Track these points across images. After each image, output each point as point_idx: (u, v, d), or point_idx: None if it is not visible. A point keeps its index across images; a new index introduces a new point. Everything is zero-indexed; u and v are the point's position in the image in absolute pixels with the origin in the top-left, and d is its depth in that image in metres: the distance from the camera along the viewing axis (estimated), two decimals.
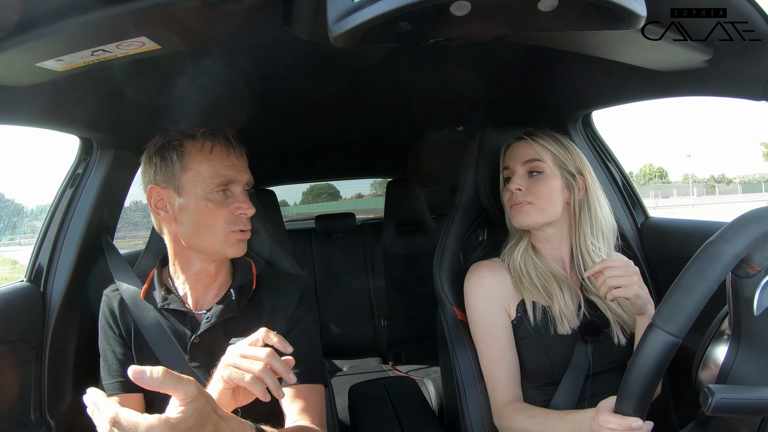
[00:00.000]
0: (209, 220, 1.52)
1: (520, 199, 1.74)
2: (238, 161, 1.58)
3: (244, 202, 1.56)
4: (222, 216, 1.52)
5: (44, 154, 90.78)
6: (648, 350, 1.04)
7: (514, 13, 0.96)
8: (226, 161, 1.54)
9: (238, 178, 1.56)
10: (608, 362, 1.69)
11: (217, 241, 1.53)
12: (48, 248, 2.03)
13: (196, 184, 1.51)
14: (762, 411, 0.94)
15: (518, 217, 1.76)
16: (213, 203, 1.51)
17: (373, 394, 2.40)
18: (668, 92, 1.85)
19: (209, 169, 1.52)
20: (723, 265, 1.00)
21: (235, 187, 1.56)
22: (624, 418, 1.13)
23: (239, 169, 1.57)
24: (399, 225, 4.19)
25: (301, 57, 1.81)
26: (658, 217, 2.49)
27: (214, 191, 1.52)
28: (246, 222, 1.56)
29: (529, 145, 1.78)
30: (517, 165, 1.78)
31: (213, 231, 1.52)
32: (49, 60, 1.17)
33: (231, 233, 1.53)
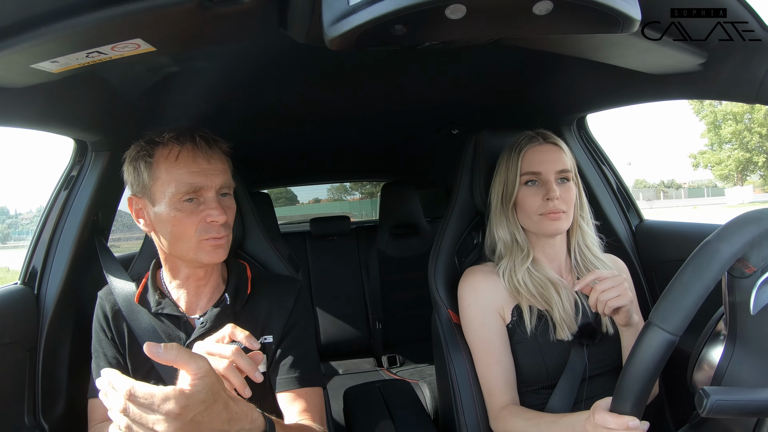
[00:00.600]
0: (180, 230, 1.47)
1: (559, 207, 1.71)
2: (209, 165, 1.50)
3: (215, 209, 1.48)
4: (192, 225, 1.47)
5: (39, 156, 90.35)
6: (645, 349, 1.04)
7: (509, 16, 0.96)
8: (192, 167, 1.47)
9: (207, 184, 1.49)
10: (604, 365, 1.69)
11: (191, 250, 1.49)
12: (42, 250, 2.03)
13: (165, 194, 1.47)
14: (757, 413, 0.94)
15: (555, 225, 1.72)
16: (181, 212, 1.47)
17: (368, 397, 2.40)
18: (663, 95, 1.86)
19: (174, 177, 1.46)
20: (720, 264, 1.01)
21: (206, 193, 1.49)
22: (621, 417, 1.13)
23: (209, 173, 1.49)
24: (394, 228, 4.19)
25: (296, 60, 1.81)
26: (653, 219, 2.50)
27: (181, 200, 1.47)
28: (219, 229, 1.50)
29: (559, 150, 1.77)
30: (551, 172, 1.74)
31: (185, 240, 1.48)
32: (44, 61, 1.17)
33: (203, 241, 1.48)
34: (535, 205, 1.74)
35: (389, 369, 3.87)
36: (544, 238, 1.80)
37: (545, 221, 1.72)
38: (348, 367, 3.93)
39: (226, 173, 1.55)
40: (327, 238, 4.32)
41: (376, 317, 4.09)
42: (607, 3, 0.90)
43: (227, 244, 1.55)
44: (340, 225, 4.37)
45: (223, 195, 1.55)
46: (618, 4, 0.92)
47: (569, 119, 2.52)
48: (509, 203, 1.81)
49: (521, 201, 1.78)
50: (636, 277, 2.15)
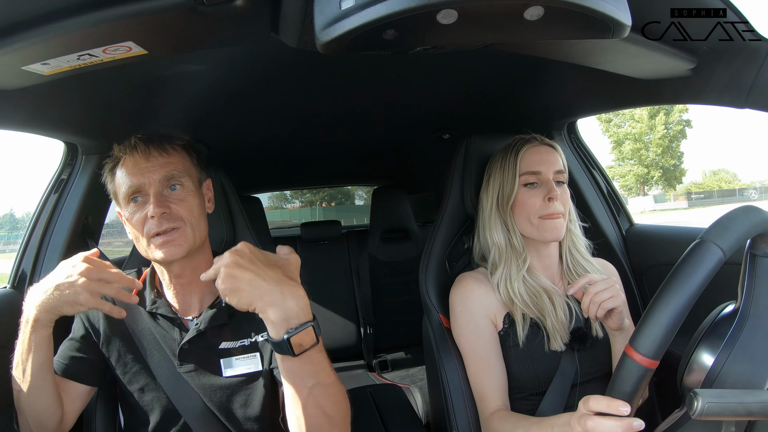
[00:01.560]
0: (133, 231, 1.52)
1: (559, 209, 1.71)
2: (147, 162, 1.51)
3: (151, 203, 1.48)
4: (139, 224, 1.50)
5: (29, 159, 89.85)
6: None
7: (501, 21, 0.97)
8: (132, 169, 1.51)
9: (144, 182, 1.50)
10: (595, 370, 1.69)
11: (146, 249, 1.51)
12: (32, 254, 2.02)
13: (119, 200, 1.55)
14: (749, 415, 0.94)
15: (555, 229, 1.71)
16: (130, 213, 1.52)
17: (359, 402, 2.39)
18: (653, 100, 1.87)
19: (118, 183, 1.54)
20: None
21: (148, 189, 1.50)
22: (613, 400, 1.12)
23: (147, 171, 1.51)
24: (385, 232, 4.19)
25: (288, 64, 1.81)
26: (643, 223, 2.51)
27: (128, 202, 1.52)
28: (159, 223, 1.48)
29: (554, 152, 1.77)
30: (551, 172, 1.73)
31: (139, 240, 1.52)
32: (35, 63, 1.16)
33: (151, 238, 1.49)
34: (536, 207, 1.72)
35: (380, 373, 3.87)
36: (540, 244, 1.79)
37: (545, 225, 1.71)
38: (339, 371, 3.91)
39: (170, 165, 1.55)
40: (318, 243, 4.31)
41: (367, 321, 4.08)
42: (598, 9, 0.91)
43: (183, 239, 1.52)
44: (330, 229, 4.36)
45: (172, 188, 1.55)
46: (608, 9, 0.92)
47: (560, 124, 2.53)
48: (507, 205, 1.78)
49: (521, 202, 1.75)
50: (626, 280, 2.16)
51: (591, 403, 1.16)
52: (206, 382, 1.57)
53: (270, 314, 1.17)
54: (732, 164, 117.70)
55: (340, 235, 4.37)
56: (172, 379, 1.56)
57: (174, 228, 1.50)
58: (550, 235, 1.71)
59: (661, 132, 45.82)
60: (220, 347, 1.58)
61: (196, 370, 1.57)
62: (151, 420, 1.58)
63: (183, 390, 1.56)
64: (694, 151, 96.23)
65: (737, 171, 78.70)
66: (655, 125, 45.84)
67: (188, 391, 1.56)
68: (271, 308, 1.16)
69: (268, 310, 1.17)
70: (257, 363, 1.58)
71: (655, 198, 50.39)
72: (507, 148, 1.81)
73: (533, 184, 1.74)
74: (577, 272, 1.79)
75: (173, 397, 1.56)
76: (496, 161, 1.83)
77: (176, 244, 1.50)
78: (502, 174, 1.79)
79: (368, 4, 0.87)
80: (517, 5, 0.90)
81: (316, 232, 4.36)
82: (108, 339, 1.62)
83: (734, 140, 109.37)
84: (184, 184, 1.56)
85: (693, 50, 1.48)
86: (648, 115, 45.57)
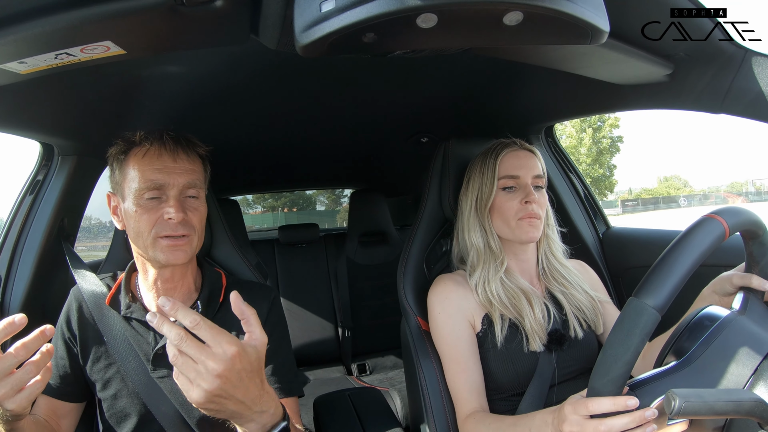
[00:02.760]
0: (138, 226, 1.49)
1: (537, 211, 1.73)
2: (174, 164, 1.53)
3: (172, 206, 1.49)
4: (149, 221, 1.49)
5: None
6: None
7: (480, 26, 0.97)
8: (156, 164, 1.50)
9: (170, 182, 1.51)
10: (573, 370, 1.70)
11: (148, 247, 1.50)
12: (6, 258, 1.99)
13: (130, 189, 1.50)
14: (725, 413, 0.95)
15: (532, 230, 1.73)
16: (142, 208, 1.49)
17: (338, 406, 2.39)
18: (630, 105, 1.89)
19: (138, 173, 1.49)
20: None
21: (168, 191, 1.51)
22: (617, 398, 1.06)
23: (173, 172, 1.52)
24: (362, 236, 4.20)
25: (268, 66, 1.80)
26: (619, 227, 2.53)
27: (143, 196, 1.49)
28: (175, 227, 1.50)
29: (533, 157, 1.79)
30: (529, 176, 1.75)
31: (143, 236, 1.49)
32: (12, 62, 1.15)
33: (159, 239, 1.49)
34: (513, 209, 1.74)
35: (359, 377, 3.86)
36: (517, 246, 1.81)
37: (523, 226, 1.73)
38: (317, 375, 3.91)
39: (194, 174, 1.57)
40: (295, 246, 4.30)
41: (345, 325, 4.08)
42: (577, 15, 0.92)
43: (189, 247, 1.54)
44: (308, 233, 4.35)
45: (191, 197, 1.56)
46: (587, 15, 0.93)
47: (538, 128, 2.56)
48: (485, 209, 1.80)
49: (498, 206, 1.77)
50: (604, 283, 2.18)
51: (591, 405, 1.09)
52: (179, 388, 1.55)
53: (246, 428, 1.15)
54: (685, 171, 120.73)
55: (317, 239, 4.37)
56: (146, 384, 1.55)
57: (185, 235, 1.52)
58: (526, 236, 1.73)
59: (588, 144, 48.78)
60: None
61: (170, 376, 1.55)
62: (127, 425, 1.57)
63: (157, 395, 1.55)
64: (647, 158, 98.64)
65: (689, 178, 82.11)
66: (582, 139, 49.00)
67: (162, 396, 1.55)
68: (248, 425, 1.14)
69: (245, 425, 1.14)
70: None
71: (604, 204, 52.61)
72: (487, 151, 1.83)
73: (511, 188, 1.76)
74: (554, 276, 1.82)
75: (148, 402, 1.55)
76: (476, 165, 1.85)
77: (183, 250, 1.51)
78: (481, 177, 1.81)
79: (348, 7, 0.87)
80: (497, 10, 0.90)
81: (294, 235, 4.35)
82: (83, 344, 1.61)
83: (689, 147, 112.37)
84: (199, 195, 1.60)
85: (670, 56, 1.49)
86: (576, 130, 49.48)
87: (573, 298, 1.78)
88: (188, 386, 1.02)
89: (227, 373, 1.01)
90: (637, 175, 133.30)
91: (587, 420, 1.11)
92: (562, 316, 1.74)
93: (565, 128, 48.01)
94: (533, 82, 2.06)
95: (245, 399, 1.07)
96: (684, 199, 61.26)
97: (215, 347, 1.01)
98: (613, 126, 48.97)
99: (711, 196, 64.87)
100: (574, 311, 1.75)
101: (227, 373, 1.01)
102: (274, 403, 1.16)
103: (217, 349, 1.00)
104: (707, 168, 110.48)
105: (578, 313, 1.76)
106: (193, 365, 1.00)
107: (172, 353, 1.01)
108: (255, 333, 1.10)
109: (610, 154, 49.85)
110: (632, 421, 1.04)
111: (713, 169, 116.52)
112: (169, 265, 1.53)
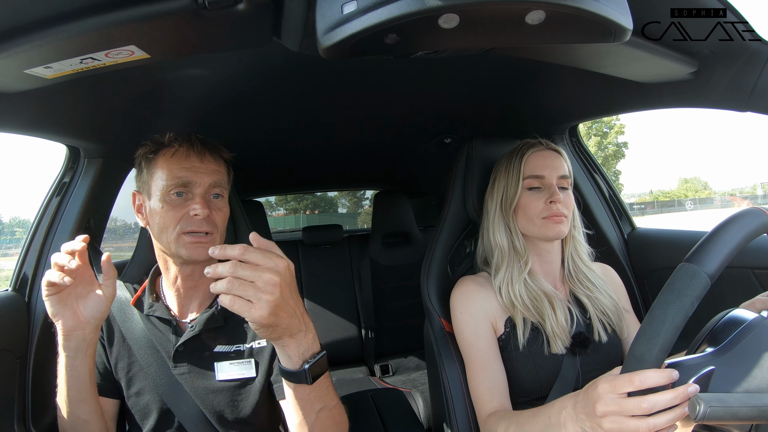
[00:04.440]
0: (164, 222, 1.53)
1: (562, 210, 1.72)
2: (201, 164, 1.57)
3: (198, 203, 1.54)
4: (175, 217, 1.53)
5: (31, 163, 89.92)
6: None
7: (502, 25, 0.97)
8: (184, 163, 1.55)
9: (197, 181, 1.55)
10: (597, 374, 1.68)
11: (172, 242, 1.53)
12: (33, 257, 2.02)
13: (157, 188, 1.54)
14: (751, 418, 0.94)
15: (557, 228, 1.72)
16: (168, 204, 1.53)
17: (361, 407, 2.39)
18: (654, 104, 1.87)
19: (166, 171, 1.54)
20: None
21: (195, 189, 1.56)
22: (660, 370, 1.00)
23: (200, 171, 1.57)
24: (386, 237, 4.20)
25: (290, 68, 1.81)
26: (645, 228, 2.50)
27: (170, 193, 1.53)
28: (200, 223, 1.54)
29: (560, 158, 1.78)
30: (554, 176, 1.75)
31: (167, 232, 1.53)
32: (38, 67, 1.17)
33: (183, 235, 1.52)
34: (538, 209, 1.73)
35: (382, 378, 3.86)
36: (542, 245, 1.80)
37: (548, 224, 1.72)
38: (340, 376, 3.91)
39: (219, 174, 1.61)
40: (319, 247, 4.32)
41: (368, 326, 4.08)
42: (599, 13, 0.91)
43: (211, 245, 1.50)
44: (332, 234, 4.36)
45: (215, 196, 1.60)
46: (610, 13, 0.92)
47: (561, 128, 2.53)
48: (510, 208, 1.80)
49: (524, 205, 1.77)
50: (628, 284, 2.15)
51: (636, 380, 1.01)
52: (199, 385, 1.58)
53: (290, 348, 1.17)
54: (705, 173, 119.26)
55: (341, 240, 4.38)
56: (167, 381, 1.58)
57: (208, 232, 1.55)
58: (552, 233, 1.72)
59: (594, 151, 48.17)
60: (215, 350, 1.61)
61: (190, 373, 1.59)
62: (148, 422, 1.60)
63: (177, 392, 1.58)
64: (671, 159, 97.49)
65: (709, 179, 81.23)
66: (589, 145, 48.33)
67: (182, 393, 1.58)
68: (293, 343, 1.17)
69: (290, 344, 1.17)
70: (251, 369, 1.59)
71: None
72: (512, 151, 1.83)
73: (537, 189, 1.75)
74: (579, 278, 1.79)
75: (168, 399, 1.57)
76: (502, 164, 1.85)
77: (205, 247, 1.54)
78: (507, 177, 1.80)
79: (370, 9, 0.87)
80: (519, 9, 0.90)
81: (318, 236, 4.36)
82: (109, 342, 1.65)
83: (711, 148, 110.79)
84: (223, 195, 1.64)
85: (694, 53, 1.48)
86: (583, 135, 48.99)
87: (598, 302, 1.76)
88: (248, 307, 1.07)
89: (282, 284, 1.07)
90: (658, 177, 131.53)
91: (625, 399, 1.04)
92: (586, 320, 1.72)
93: None
94: (556, 81, 2.05)
95: (296, 310, 1.13)
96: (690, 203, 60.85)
97: (268, 263, 1.06)
98: (619, 132, 49.11)
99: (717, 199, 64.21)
100: (598, 315, 1.73)
101: (282, 284, 1.07)
102: (312, 328, 1.20)
103: (270, 264, 1.06)
104: (729, 169, 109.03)
105: (603, 317, 1.74)
106: (251, 285, 1.05)
107: (226, 283, 1.05)
108: (282, 257, 1.13)
109: (615, 160, 49.94)
110: (676, 397, 0.98)
111: (735, 170, 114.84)
112: (191, 261, 1.57)
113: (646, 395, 1.01)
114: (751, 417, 0.94)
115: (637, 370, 1.02)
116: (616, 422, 1.05)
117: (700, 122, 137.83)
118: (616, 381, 1.06)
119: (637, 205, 62.69)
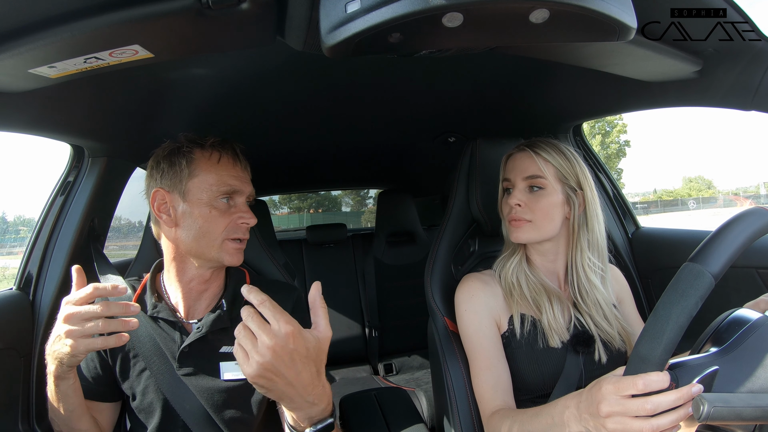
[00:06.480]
0: (210, 227, 1.55)
1: (519, 215, 1.71)
2: (243, 173, 1.64)
3: (247, 212, 1.61)
4: (222, 223, 1.56)
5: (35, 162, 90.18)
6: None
7: (506, 24, 0.97)
8: (232, 171, 1.60)
9: (242, 189, 1.62)
10: (601, 373, 1.67)
11: (215, 248, 1.56)
12: (38, 256, 2.02)
13: (202, 191, 1.55)
14: (755, 419, 0.94)
15: (515, 233, 1.73)
16: (216, 210, 1.56)
17: (364, 406, 2.39)
18: (659, 103, 1.87)
19: (216, 177, 1.56)
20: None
21: (238, 198, 1.62)
22: (662, 373, 1.01)
23: (244, 180, 1.63)
24: (390, 236, 4.20)
25: (294, 67, 1.81)
26: (649, 227, 2.50)
27: (218, 199, 1.56)
28: (245, 231, 1.60)
29: (531, 158, 1.73)
30: (517, 178, 1.73)
31: (212, 238, 1.55)
32: (42, 66, 1.17)
33: (228, 241, 1.57)
34: (505, 212, 1.79)
35: (385, 377, 3.86)
36: (531, 245, 1.80)
37: (510, 227, 1.76)
38: (344, 374, 3.92)
39: (252, 185, 1.68)
40: (323, 246, 4.32)
41: (372, 325, 4.08)
42: (603, 11, 0.91)
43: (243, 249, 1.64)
44: (336, 233, 4.37)
45: (248, 203, 1.66)
46: (614, 12, 0.92)
47: (565, 127, 2.53)
48: (498, 206, 1.86)
49: (501, 206, 1.83)
50: (633, 284, 2.15)
51: (639, 383, 1.02)
52: (204, 385, 1.58)
53: (294, 414, 1.17)
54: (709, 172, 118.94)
55: (345, 239, 4.38)
56: (171, 380, 1.58)
57: (245, 239, 1.63)
58: (513, 236, 1.75)
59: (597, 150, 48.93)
60: (221, 351, 1.61)
61: (195, 374, 1.59)
62: (153, 421, 1.60)
63: (182, 393, 1.58)
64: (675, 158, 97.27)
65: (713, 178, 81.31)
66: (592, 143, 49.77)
67: (187, 393, 1.58)
68: (296, 411, 1.17)
69: (293, 411, 1.17)
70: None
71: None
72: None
73: (508, 191, 1.79)
74: (580, 292, 1.74)
75: (172, 399, 1.57)
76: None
77: (243, 252, 1.63)
78: (499, 179, 1.85)
79: (374, 8, 0.87)
80: (523, 8, 0.90)
81: (322, 235, 4.36)
82: None
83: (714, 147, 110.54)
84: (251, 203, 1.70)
85: (698, 52, 1.47)
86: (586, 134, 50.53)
87: (601, 327, 1.70)
88: (244, 359, 1.08)
89: (279, 350, 1.05)
90: (662, 176, 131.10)
91: (629, 399, 1.04)
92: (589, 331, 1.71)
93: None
94: (560, 80, 2.05)
95: (296, 383, 1.10)
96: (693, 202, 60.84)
97: (273, 323, 1.07)
98: (621, 131, 49.23)
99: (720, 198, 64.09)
100: (600, 335, 1.70)
101: (279, 350, 1.05)
102: (327, 399, 1.19)
103: (274, 325, 1.06)
104: (733, 168, 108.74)
105: (606, 340, 1.70)
106: (251, 338, 1.07)
107: (239, 329, 1.09)
108: (320, 325, 1.17)
109: (617, 159, 50.15)
110: (680, 397, 0.99)
111: (739, 169, 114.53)
112: (230, 266, 1.65)
113: (649, 396, 1.01)
114: (755, 417, 0.94)
115: (641, 373, 1.03)
116: (620, 422, 1.06)
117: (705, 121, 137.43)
118: (620, 383, 1.06)
119: (641, 204, 62.77)
